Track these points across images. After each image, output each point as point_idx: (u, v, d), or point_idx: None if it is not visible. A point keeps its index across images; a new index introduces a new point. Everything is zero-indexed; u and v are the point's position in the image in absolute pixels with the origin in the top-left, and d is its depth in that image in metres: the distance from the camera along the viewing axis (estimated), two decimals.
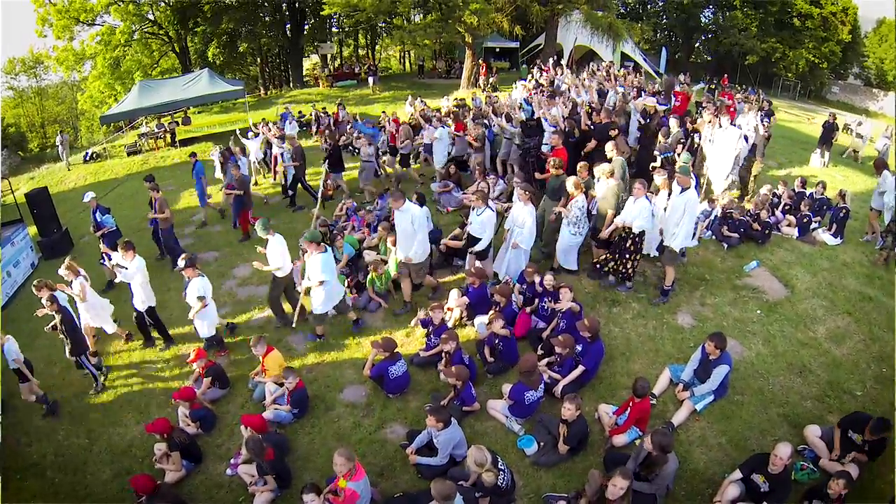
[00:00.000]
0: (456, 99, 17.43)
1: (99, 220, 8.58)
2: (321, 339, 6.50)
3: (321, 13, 20.91)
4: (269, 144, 12.54)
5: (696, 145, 9.01)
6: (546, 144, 8.63)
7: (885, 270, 7.70)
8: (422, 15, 18.13)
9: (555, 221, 6.96)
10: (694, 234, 8.06)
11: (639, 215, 6.10)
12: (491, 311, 5.87)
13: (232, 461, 5.18)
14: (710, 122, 8.96)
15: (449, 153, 10.71)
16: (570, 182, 6.50)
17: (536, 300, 6.18)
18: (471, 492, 4.06)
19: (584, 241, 7.00)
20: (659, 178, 6.50)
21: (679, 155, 8.17)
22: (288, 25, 26.03)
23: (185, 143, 18.04)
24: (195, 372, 5.98)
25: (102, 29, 22.57)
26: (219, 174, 11.56)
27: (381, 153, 12.20)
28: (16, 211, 11.52)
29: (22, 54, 32.58)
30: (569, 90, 12.44)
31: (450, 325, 6.07)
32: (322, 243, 5.94)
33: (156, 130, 18.57)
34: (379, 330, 6.61)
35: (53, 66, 24.69)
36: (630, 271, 6.63)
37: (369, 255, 7.83)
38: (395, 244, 7.23)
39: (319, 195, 9.38)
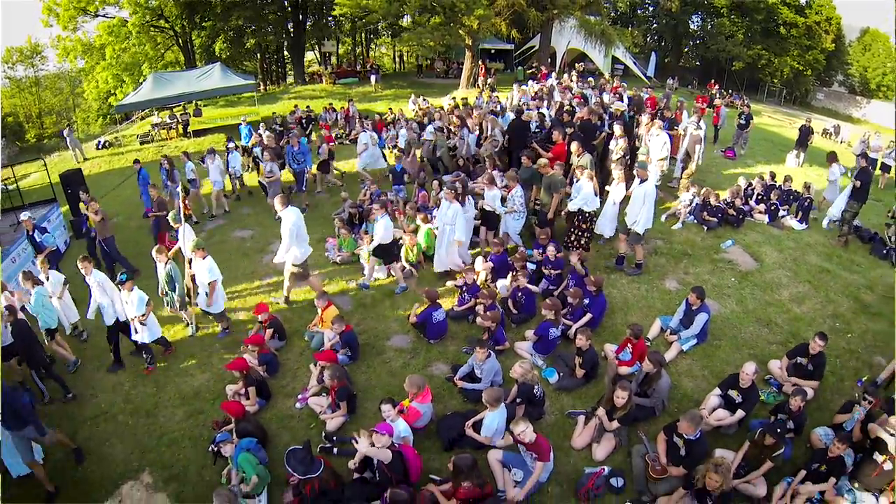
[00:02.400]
0: (460, 98, 18.47)
1: (38, 240, 8.41)
2: (229, 332, 7.17)
3: (331, 13, 21.73)
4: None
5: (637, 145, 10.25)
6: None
7: (843, 250, 8.98)
8: (426, 17, 18.95)
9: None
10: (678, 218, 9.35)
11: (577, 196, 7.43)
12: (510, 273, 7.00)
13: (300, 396, 6.03)
14: (646, 124, 10.11)
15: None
16: (507, 175, 7.69)
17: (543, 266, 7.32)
18: (511, 406, 5.15)
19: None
20: (616, 172, 7.67)
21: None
22: (290, 23, 26.74)
23: (197, 133, 18.80)
24: (258, 324, 6.86)
25: (114, 20, 23.06)
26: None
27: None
28: (50, 191, 12.24)
29: (20, 44, 32.60)
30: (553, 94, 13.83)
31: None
32: (204, 249, 6.69)
33: (168, 121, 19.25)
34: (413, 293, 7.64)
35: (59, 55, 24.94)
36: (577, 242, 7.75)
37: (397, 233, 8.86)
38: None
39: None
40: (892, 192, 12.59)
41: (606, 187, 8.08)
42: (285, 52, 31.42)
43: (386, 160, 12.41)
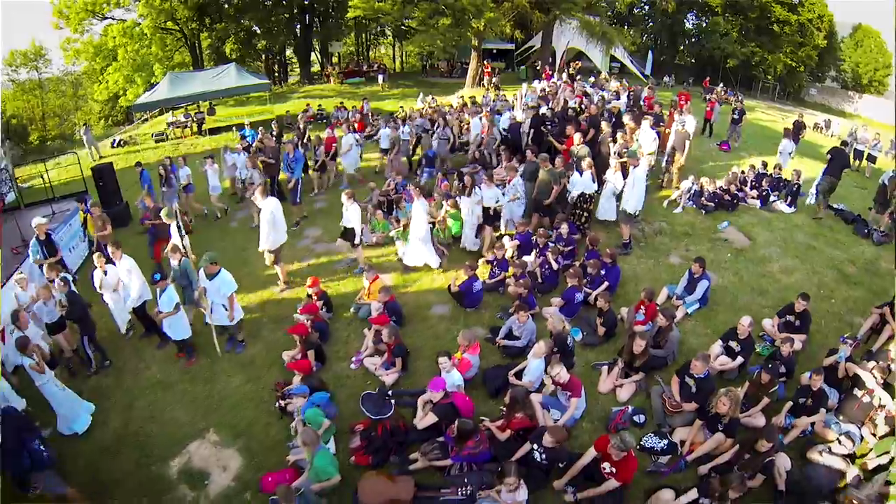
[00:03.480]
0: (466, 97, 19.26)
1: (55, 239, 8.28)
2: (244, 345, 7.17)
3: (345, 15, 22.40)
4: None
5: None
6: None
7: (828, 231, 9.93)
8: (436, 19, 19.65)
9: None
10: (678, 204, 10.26)
11: (578, 183, 8.40)
12: (535, 249, 7.88)
13: (354, 358, 6.73)
14: (628, 125, 10.94)
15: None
16: (507, 166, 8.70)
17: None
18: (547, 354, 6.00)
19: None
20: (613, 161, 8.60)
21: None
22: (297, 25, 27.44)
23: (212, 132, 19.42)
24: (308, 296, 7.46)
25: (128, 23, 23.64)
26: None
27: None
28: (82, 184, 12.88)
29: (23, 48, 32.90)
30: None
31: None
32: (217, 263, 6.53)
33: (183, 119, 19.86)
34: (444, 268, 8.48)
35: (69, 57, 25.41)
36: (578, 222, 8.70)
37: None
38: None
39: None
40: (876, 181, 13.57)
41: (604, 176, 9.01)
42: (288, 53, 32.05)
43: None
